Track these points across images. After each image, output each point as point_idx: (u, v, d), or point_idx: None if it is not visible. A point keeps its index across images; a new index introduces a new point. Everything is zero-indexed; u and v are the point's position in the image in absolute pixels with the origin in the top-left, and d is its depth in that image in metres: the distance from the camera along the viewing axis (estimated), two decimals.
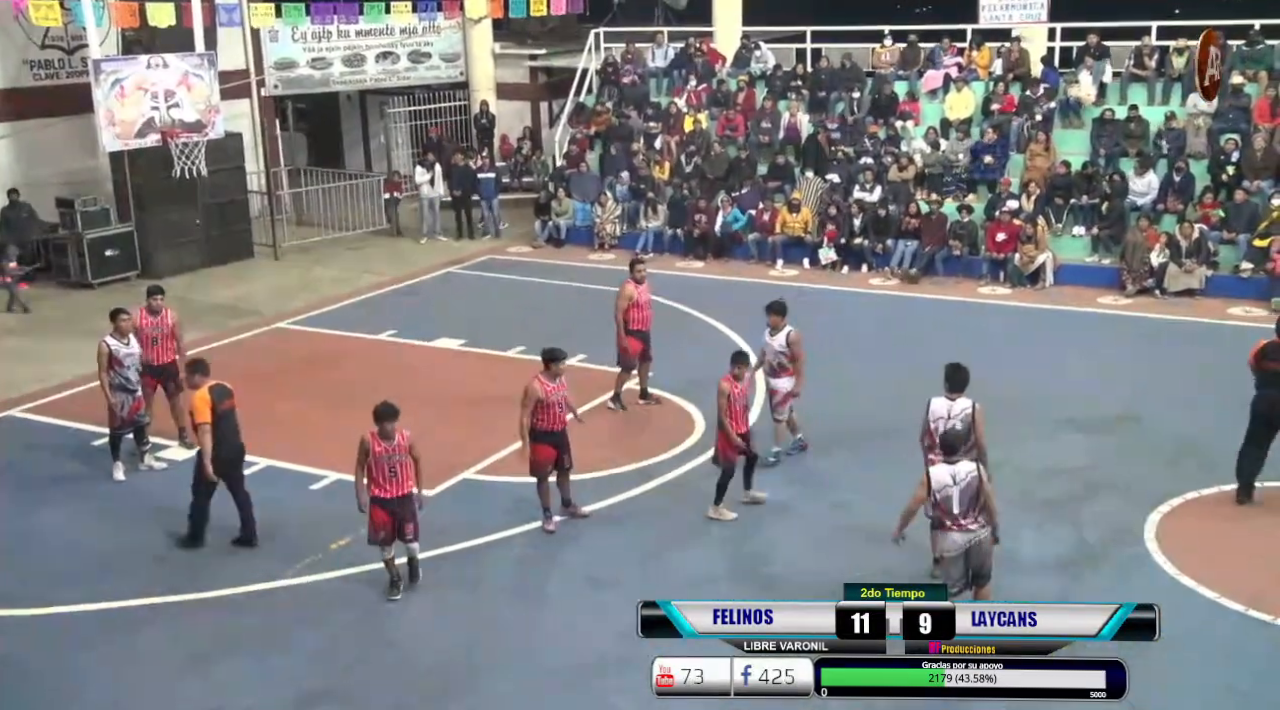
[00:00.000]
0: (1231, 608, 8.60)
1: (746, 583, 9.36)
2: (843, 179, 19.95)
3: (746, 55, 23.17)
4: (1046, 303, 17.03)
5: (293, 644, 8.72)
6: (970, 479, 8.10)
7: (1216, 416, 12.29)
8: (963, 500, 8.07)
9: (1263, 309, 16.10)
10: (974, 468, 8.21)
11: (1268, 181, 17.48)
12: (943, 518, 8.13)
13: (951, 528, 8.12)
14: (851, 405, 12.85)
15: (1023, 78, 20.37)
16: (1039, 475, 11.07)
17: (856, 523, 10.21)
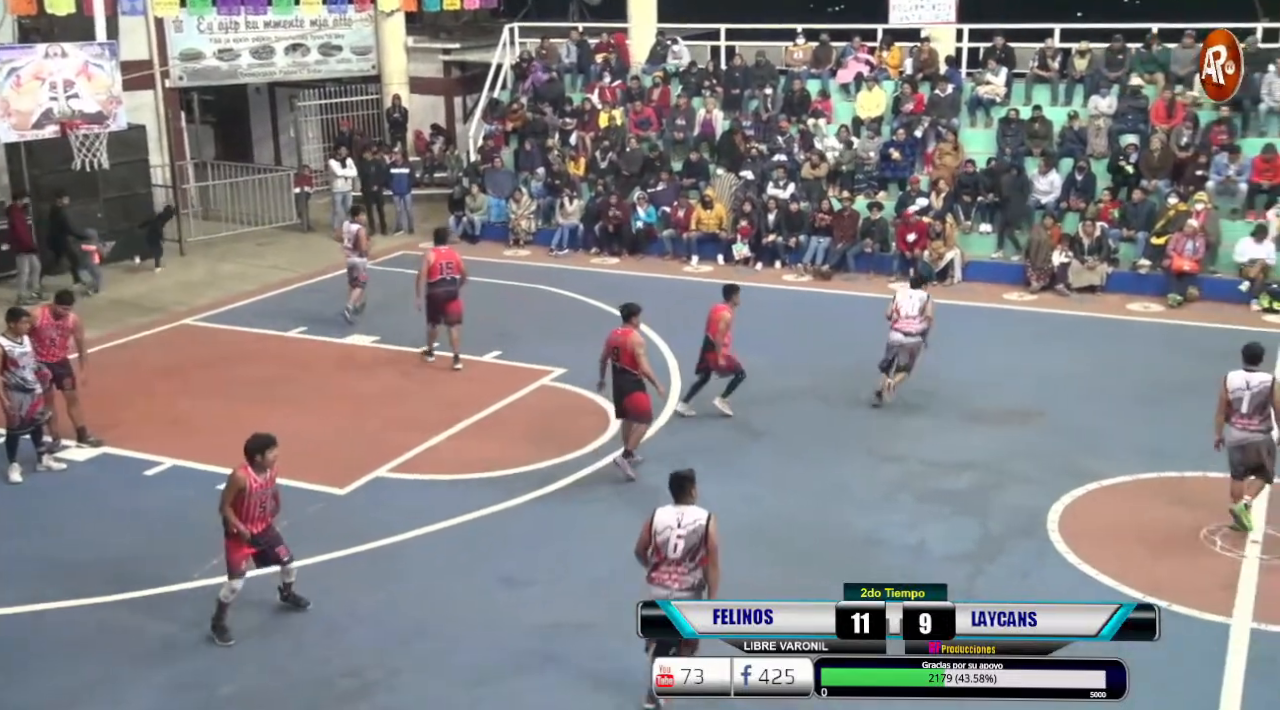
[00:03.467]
0: (1131, 594, 8.82)
1: None
2: (756, 176, 20.12)
3: (662, 52, 23.24)
4: (955, 299, 17.32)
5: (200, 649, 8.53)
6: (1263, 386, 9.59)
7: (1117, 409, 12.69)
8: (1251, 404, 9.59)
9: (1160, 304, 16.60)
10: (1270, 379, 9.67)
11: (1164, 181, 18.02)
12: (1230, 415, 9.68)
13: (1235, 423, 9.66)
14: (765, 400, 12.96)
15: (932, 77, 20.74)
16: (947, 468, 11.29)
17: (764, 516, 10.30)
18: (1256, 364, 9.81)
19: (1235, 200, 17.64)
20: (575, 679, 8.10)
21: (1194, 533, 9.81)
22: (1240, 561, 9.34)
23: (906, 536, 9.98)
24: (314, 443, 12.00)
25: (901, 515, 10.35)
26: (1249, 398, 9.66)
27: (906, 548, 9.80)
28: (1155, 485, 10.85)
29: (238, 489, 8.47)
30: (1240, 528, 9.78)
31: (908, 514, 10.38)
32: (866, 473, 11.22)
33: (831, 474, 11.22)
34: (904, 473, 11.23)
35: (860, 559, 9.54)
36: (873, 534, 10.00)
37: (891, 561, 9.55)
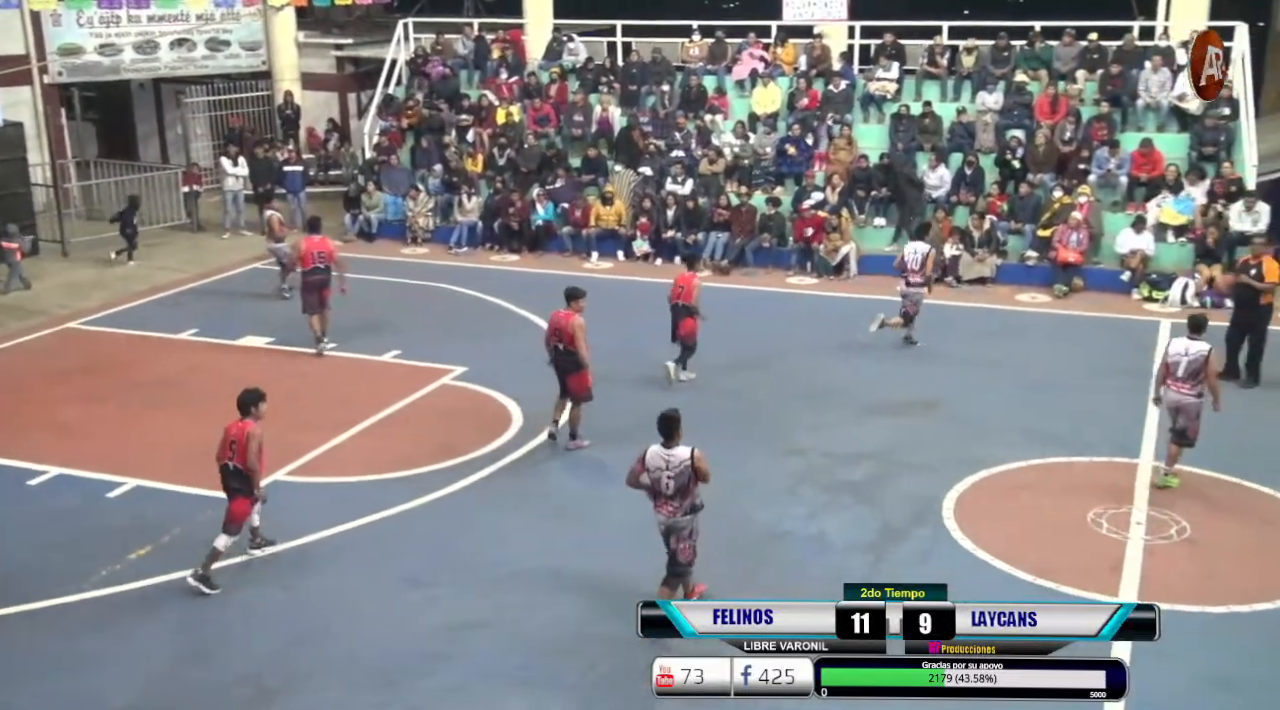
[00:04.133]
0: (1022, 578, 9.11)
1: (567, 579, 9.38)
2: (655, 172, 20.20)
3: (558, 48, 23.18)
4: (851, 292, 17.64)
5: (93, 661, 8.27)
6: (1199, 355, 10.26)
7: (1008, 397, 13.04)
8: (1188, 369, 10.28)
9: (1047, 295, 17.10)
10: (1208, 348, 10.32)
11: (1049, 175, 18.56)
12: (1166, 376, 10.44)
13: (1171, 387, 10.37)
14: (663, 395, 13.03)
15: (826, 74, 21.04)
16: (846, 459, 11.47)
17: None
18: (1199, 333, 10.48)
19: (1116, 193, 18.25)
20: (482, 679, 8.06)
21: (1082, 516, 10.12)
22: (1125, 543, 9.67)
23: (808, 527, 10.13)
24: (206, 447, 11.66)
25: (803, 507, 10.50)
26: (1185, 363, 10.35)
27: (809, 539, 9.95)
28: (1045, 471, 11.17)
29: (259, 441, 9.07)
30: None
31: (809, 506, 10.53)
32: (768, 466, 11.35)
33: (734, 468, 11.26)
34: (805, 465, 11.39)
35: (764, 552, 9.66)
36: (775, 526, 10.13)
37: (795, 553, 9.69)
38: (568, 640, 8.45)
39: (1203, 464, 10.98)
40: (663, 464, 8.32)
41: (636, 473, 8.44)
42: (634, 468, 8.47)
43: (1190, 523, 9.91)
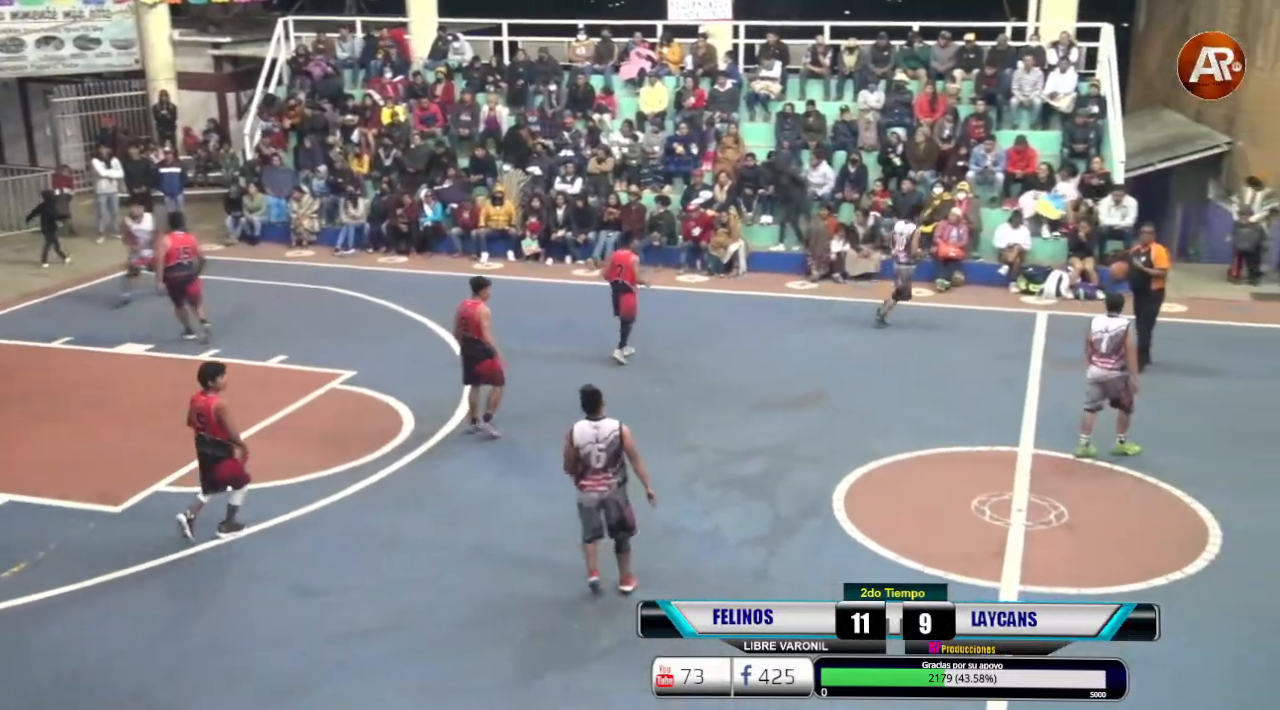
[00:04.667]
0: (910, 566, 9.33)
1: (467, 581, 9.31)
2: (544, 171, 20.16)
3: (444, 47, 22.96)
4: (740, 289, 17.85)
5: None
6: (1119, 331, 10.98)
7: (893, 390, 13.34)
8: (1110, 345, 10.98)
9: (930, 289, 17.51)
10: (1126, 323, 11.06)
11: (930, 172, 19.03)
12: (1091, 353, 10.98)
13: (1095, 363, 11.04)
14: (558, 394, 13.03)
15: (711, 73, 21.23)
16: (738, 455, 11.61)
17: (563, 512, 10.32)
18: (1117, 311, 11.30)
19: (993, 189, 18.79)
20: (381, 686, 7.96)
21: (966, 504, 10.41)
22: (1008, 529, 9.98)
23: (703, 523, 10.22)
24: (84, 459, 11.38)
25: (697, 503, 10.60)
26: (1107, 339, 11.08)
27: (703, 534, 10.04)
28: (930, 461, 11.46)
29: (227, 412, 9.55)
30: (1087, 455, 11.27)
31: (703, 502, 10.63)
32: (662, 464, 11.33)
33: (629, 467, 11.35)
34: (698, 462, 11.49)
35: (659, 548, 9.71)
36: (671, 523, 10.18)
37: (690, 549, 9.78)
38: (468, 644, 8.40)
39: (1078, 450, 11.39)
40: (592, 436, 8.61)
41: (570, 453, 8.64)
42: (566, 449, 8.69)
43: (1068, 508, 10.26)
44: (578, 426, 8.69)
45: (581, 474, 8.68)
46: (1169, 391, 12.77)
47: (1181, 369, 13.75)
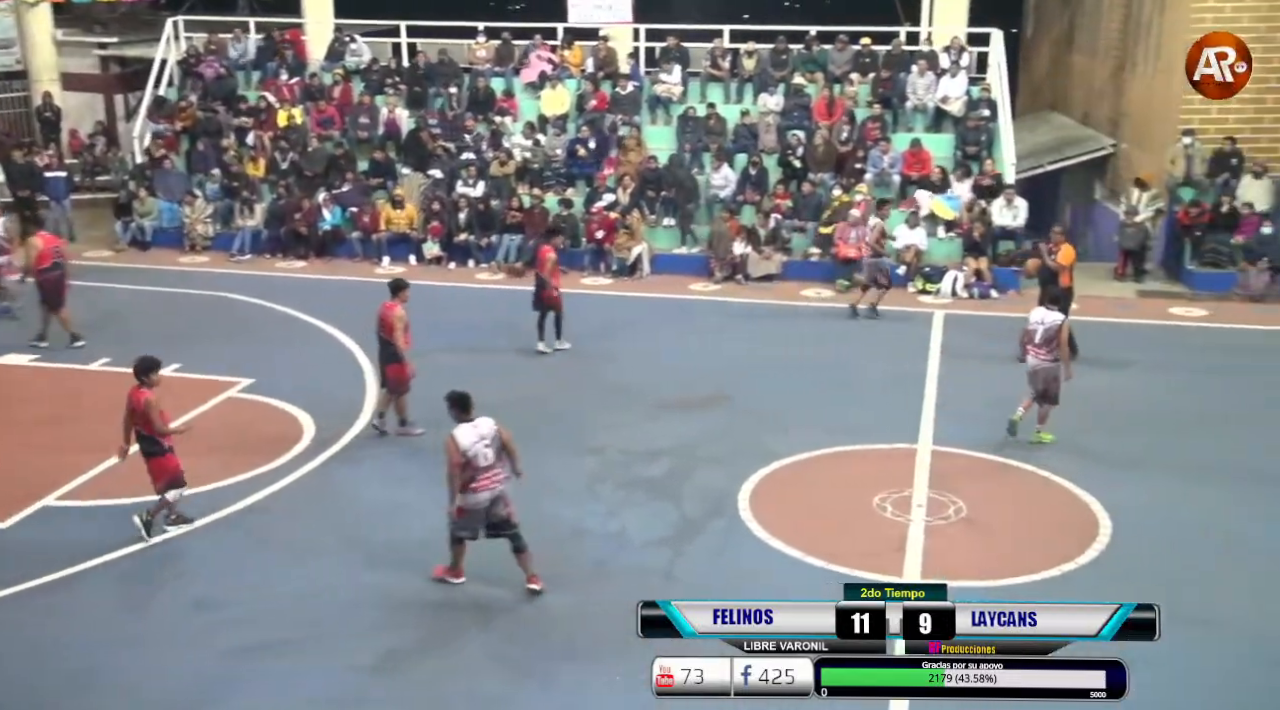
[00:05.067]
0: (813, 564, 9.44)
1: (366, 593, 9.17)
2: (445, 174, 19.98)
3: (341, 49, 22.62)
4: (644, 291, 17.90)
5: None
6: (1053, 323, 11.43)
7: (796, 389, 13.49)
8: (1043, 337, 11.44)
9: (831, 289, 17.78)
10: (1061, 317, 11.48)
11: (829, 174, 19.31)
12: (1027, 344, 11.53)
13: (1030, 353, 11.53)
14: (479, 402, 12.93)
15: (612, 75, 21.26)
16: (643, 456, 11.63)
17: None
18: (1055, 304, 11.80)
19: (890, 190, 19.12)
20: (280, 702, 7.79)
21: (868, 501, 10.57)
22: (908, 525, 10.16)
23: (609, 525, 10.22)
24: None
25: (603, 505, 10.59)
26: (1041, 331, 11.55)
27: (609, 536, 10.04)
28: (832, 459, 11.61)
29: (159, 407, 9.58)
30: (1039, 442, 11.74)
31: (608, 503, 10.63)
32: (567, 465, 11.40)
33: (534, 469, 11.24)
34: (603, 463, 11.49)
35: (566, 550, 9.69)
36: (577, 525, 10.18)
37: (596, 551, 9.77)
38: (369, 657, 8.27)
39: (976, 447, 11.66)
40: (475, 436, 8.64)
41: (457, 460, 8.59)
42: (452, 459, 8.61)
43: (966, 503, 10.49)
44: (459, 432, 8.66)
45: (472, 478, 8.65)
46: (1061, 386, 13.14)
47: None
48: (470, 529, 8.87)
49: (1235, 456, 11.52)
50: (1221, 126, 18.70)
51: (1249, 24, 18.41)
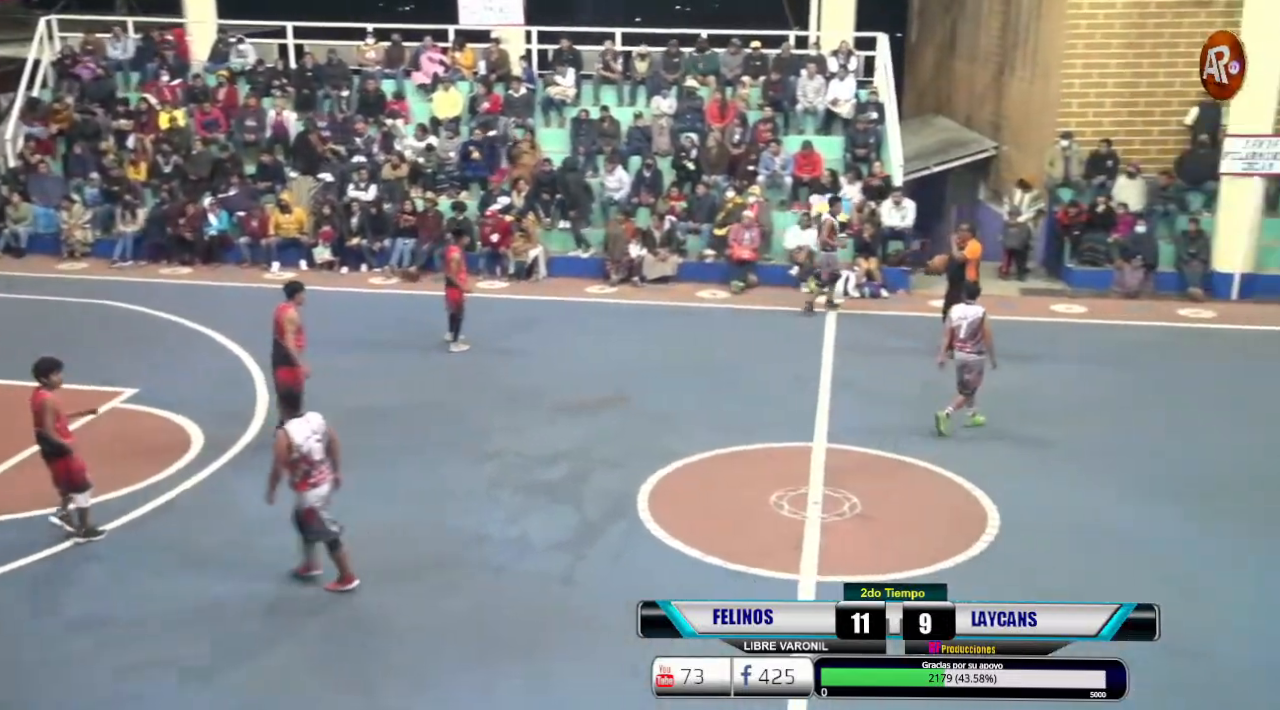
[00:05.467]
0: (713, 563, 9.52)
1: (258, 606, 8.97)
2: (336, 178, 19.67)
3: (225, 50, 22.11)
4: (540, 294, 17.86)
5: None
6: (976, 317, 11.90)
7: (693, 390, 13.59)
8: (968, 330, 11.89)
9: (725, 291, 17.95)
10: (982, 310, 11.94)
11: (722, 176, 19.50)
12: (952, 339, 11.96)
13: (957, 347, 11.91)
14: (359, 407, 12.76)
15: (505, 78, 21.17)
16: (542, 460, 11.60)
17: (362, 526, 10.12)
18: (974, 299, 12.21)
19: (782, 192, 19.40)
20: None
21: (765, 499, 10.69)
22: (804, 522, 10.31)
23: (509, 530, 10.16)
24: None
25: (502, 510, 10.53)
26: (966, 325, 11.97)
27: (509, 541, 9.98)
28: (730, 459, 11.72)
29: (54, 411, 9.45)
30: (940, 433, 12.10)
31: (508, 508, 10.57)
32: (466, 472, 11.31)
33: (432, 476, 11.22)
34: (502, 468, 11.42)
35: (467, 557, 9.62)
36: (477, 531, 10.10)
37: (497, 557, 9.70)
38: (264, 670, 8.09)
39: (870, 444, 11.88)
40: (308, 431, 8.68)
41: (285, 457, 8.61)
42: (281, 455, 8.62)
43: (860, 499, 10.68)
44: (292, 427, 8.69)
45: (308, 473, 8.69)
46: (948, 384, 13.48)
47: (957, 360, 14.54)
48: (332, 524, 8.87)
49: (1118, 449, 11.93)
50: (1097, 129, 19.38)
51: (1120, 30, 19.16)
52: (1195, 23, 18.93)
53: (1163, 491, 10.87)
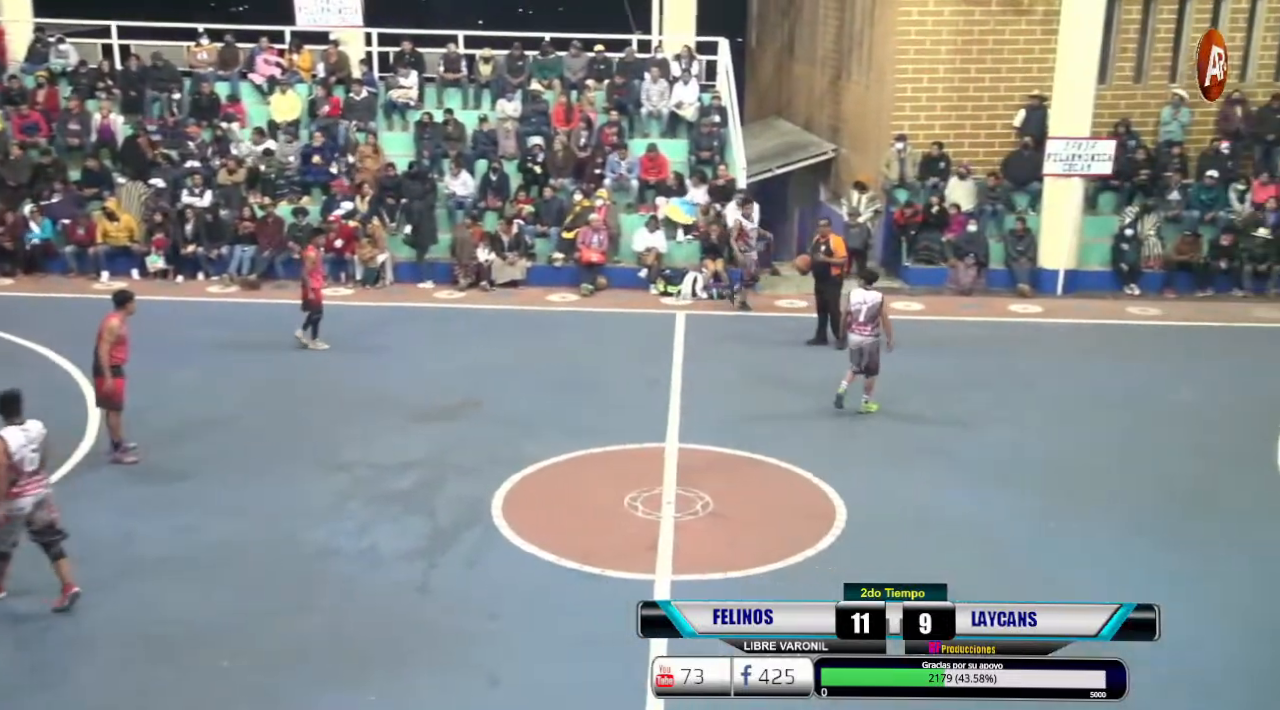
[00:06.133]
0: (569, 566, 9.53)
1: (99, 627, 8.58)
2: (168, 184, 18.95)
3: (44, 50, 21.06)
4: (388, 300, 17.57)
5: None
6: (874, 301, 12.39)
7: (545, 394, 13.57)
8: (867, 315, 12.37)
9: (575, 294, 17.97)
10: (880, 295, 12.49)
11: (569, 179, 19.52)
12: (852, 323, 12.33)
13: (854, 330, 12.39)
14: (202, 422, 12.33)
15: (345, 80, 20.75)
16: (393, 469, 11.41)
17: (206, 545, 9.81)
18: (872, 283, 12.87)
19: (629, 195, 19.53)
20: None
21: (619, 501, 10.74)
22: (659, 522, 10.40)
23: (359, 542, 9.96)
24: None
25: (352, 522, 10.32)
26: (865, 309, 12.53)
27: (360, 553, 9.79)
28: (584, 462, 11.74)
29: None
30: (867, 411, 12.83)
31: (358, 520, 10.36)
32: (314, 484, 11.05)
33: (279, 490, 10.91)
34: (352, 479, 11.19)
35: (316, 571, 9.40)
36: (326, 545, 9.88)
37: (347, 569, 9.51)
38: (105, 699, 7.74)
39: (721, 442, 12.06)
40: (24, 440, 8.46)
41: (6, 465, 8.30)
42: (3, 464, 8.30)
43: (713, 498, 10.83)
44: (7, 434, 8.38)
45: (14, 482, 8.39)
46: (792, 381, 13.81)
47: (800, 360, 14.91)
48: (13, 537, 8.61)
49: (957, 440, 12.40)
50: (929, 132, 20.11)
51: (948, 37, 19.91)
52: (1016, 30, 19.86)
53: (1000, 478, 11.34)
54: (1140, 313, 17.49)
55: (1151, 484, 11.32)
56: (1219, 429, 12.74)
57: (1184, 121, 19.89)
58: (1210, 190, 19.08)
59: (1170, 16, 20.14)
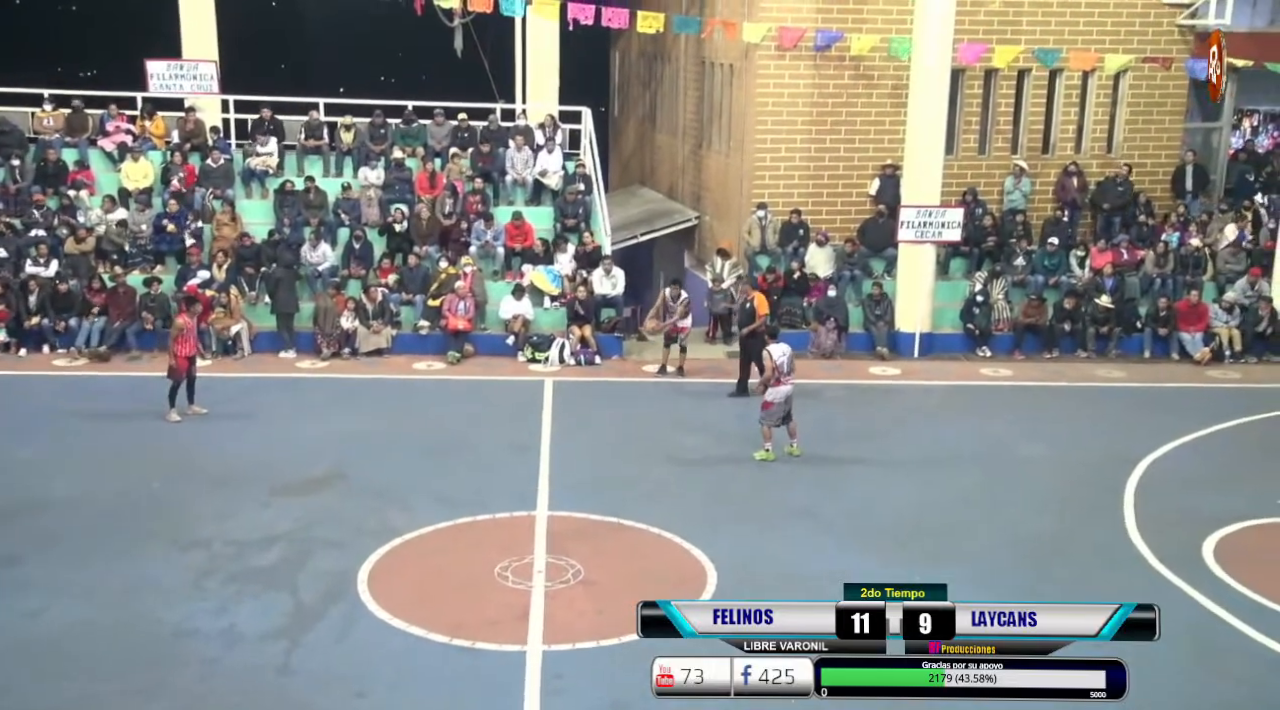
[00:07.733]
0: (437, 640, 9.32)
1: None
2: (11, 253, 18.19)
3: None
4: (246, 371, 17.10)
5: None
6: (791, 354, 13.39)
7: (411, 464, 13.35)
8: (789, 365, 13.29)
9: (442, 362, 17.79)
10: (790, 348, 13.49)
11: (434, 246, 19.42)
12: (780, 377, 13.20)
13: (784, 382, 13.24)
14: (41, 502, 11.75)
15: (201, 147, 20.33)
16: (254, 545, 11.04)
17: (53, 628, 9.32)
18: (776, 338, 13.80)
19: (495, 262, 19.51)
20: None
21: (489, 570, 10.59)
22: (530, 591, 10.28)
23: (218, 622, 9.58)
24: None
25: (210, 601, 9.92)
26: (787, 361, 13.31)
27: (219, 633, 9.41)
28: (452, 532, 11.56)
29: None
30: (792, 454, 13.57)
31: (217, 599, 9.97)
32: (170, 563, 10.61)
33: (131, 571, 10.44)
34: (209, 557, 10.79)
35: (171, 653, 9.00)
36: (182, 625, 9.47)
37: (205, 650, 9.12)
38: None
39: (590, 509, 12.02)
40: None
41: None
42: None
43: (583, 565, 10.76)
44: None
45: None
46: (662, 445, 13.89)
47: (669, 424, 15.03)
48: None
49: (819, 501, 12.61)
50: (788, 200, 20.67)
51: (803, 108, 20.59)
52: (868, 103, 20.66)
53: (861, 536, 11.57)
54: (992, 373, 18.16)
55: (1005, 538, 11.69)
56: (1068, 484, 13.25)
57: (1025, 191, 20.91)
58: (1053, 256, 20.03)
59: (1010, 92, 21.23)
